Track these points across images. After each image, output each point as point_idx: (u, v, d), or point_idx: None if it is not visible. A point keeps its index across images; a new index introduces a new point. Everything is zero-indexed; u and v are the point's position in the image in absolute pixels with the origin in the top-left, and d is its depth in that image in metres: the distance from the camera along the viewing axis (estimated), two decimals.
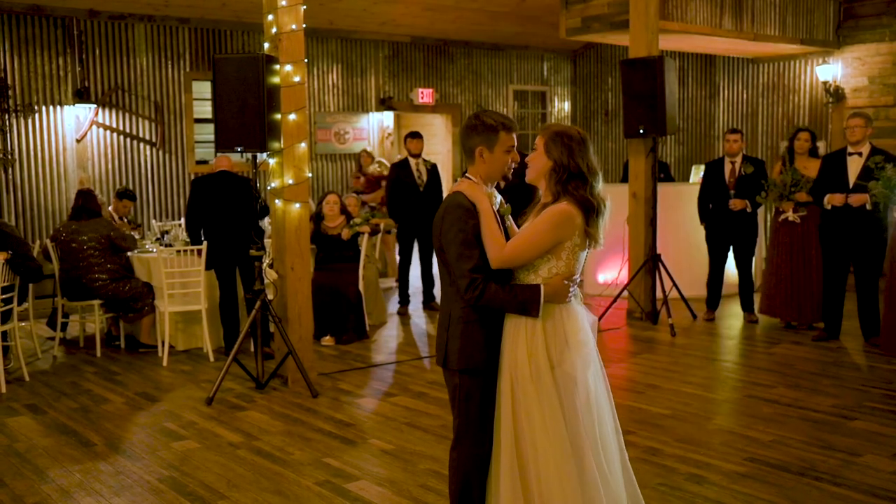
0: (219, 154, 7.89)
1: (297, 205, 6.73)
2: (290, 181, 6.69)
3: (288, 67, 6.63)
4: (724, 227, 8.78)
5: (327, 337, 8.28)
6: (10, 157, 9.73)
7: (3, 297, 6.92)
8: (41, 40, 9.88)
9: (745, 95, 12.86)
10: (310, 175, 6.87)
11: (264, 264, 6.95)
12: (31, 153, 9.89)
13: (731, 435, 5.48)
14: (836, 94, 11.82)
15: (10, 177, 9.77)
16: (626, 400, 6.28)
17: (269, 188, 6.92)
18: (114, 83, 10.37)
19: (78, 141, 10.15)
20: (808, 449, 5.19)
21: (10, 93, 9.72)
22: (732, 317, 9.14)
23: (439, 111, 13.22)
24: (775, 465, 4.92)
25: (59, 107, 10.04)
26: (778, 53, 12.09)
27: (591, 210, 3.30)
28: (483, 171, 3.47)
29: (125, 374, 7.38)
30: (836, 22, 11.54)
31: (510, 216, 3.61)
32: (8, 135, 9.73)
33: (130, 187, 10.40)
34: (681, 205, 9.58)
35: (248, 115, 6.33)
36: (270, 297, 6.92)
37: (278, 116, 6.60)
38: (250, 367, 6.89)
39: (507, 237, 3.45)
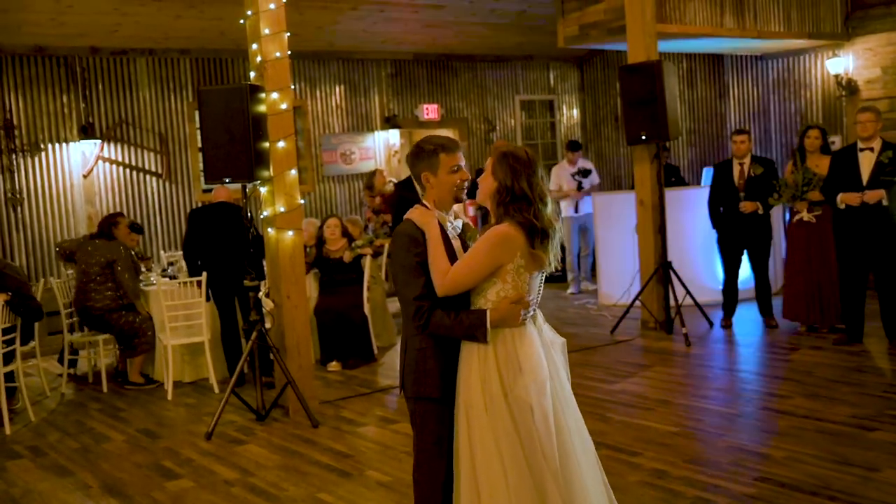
0: (217, 185, 7.85)
1: (291, 232, 6.66)
2: (282, 209, 6.62)
3: (274, 95, 6.58)
4: (736, 230, 8.54)
5: (333, 362, 8.19)
6: (18, 196, 9.77)
7: (5, 338, 6.90)
8: (45, 79, 9.95)
9: (755, 93, 12.63)
10: (302, 202, 6.79)
11: (260, 294, 6.88)
12: (39, 191, 9.93)
13: (742, 453, 5.25)
14: (848, 87, 11.55)
15: (20, 216, 9.81)
16: (635, 418, 6.09)
17: (261, 217, 6.85)
18: (118, 117, 10.40)
19: (84, 177, 10.18)
20: (823, 465, 4.96)
21: (16, 132, 9.77)
22: (750, 322, 8.89)
23: (446, 126, 13.12)
24: (787, 485, 4.70)
25: (64, 144, 10.08)
26: (786, 48, 11.85)
27: (534, 233, 3.22)
28: (433, 196, 3.45)
29: (129, 409, 7.34)
30: (843, 13, 11.28)
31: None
32: (15, 174, 9.78)
33: (138, 219, 10.40)
34: (691, 209, 9.38)
35: (235, 145, 6.27)
36: (269, 326, 6.85)
37: (267, 145, 6.53)
38: (254, 397, 6.80)
39: None
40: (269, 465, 5.67)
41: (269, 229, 6.71)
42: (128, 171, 10.48)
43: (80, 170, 10.15)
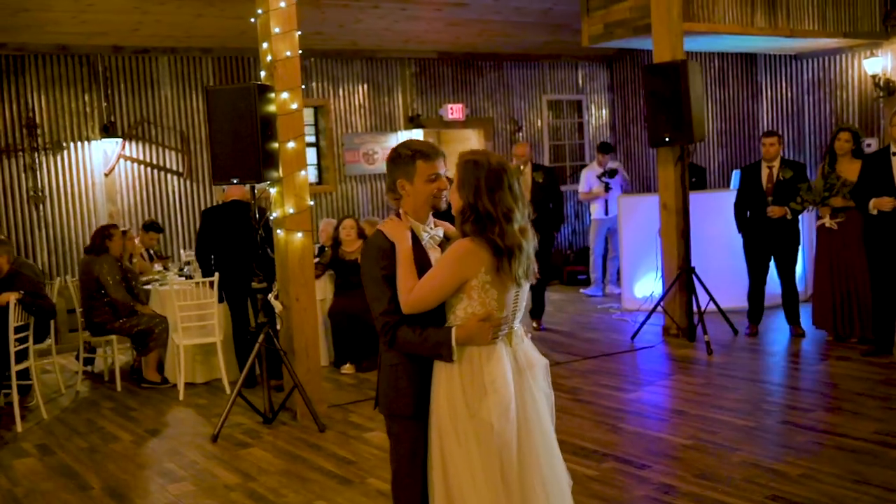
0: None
1: (300, 234, 6.56)
2: (291, 210, 6.53)
3: (284, 95, 6.48)
4: (763, 236, 8.29)
5: (347, 365, 8.10)
6: (40, 194, 9.81)
7: (17, 336, 6.90)
8: (67, 78, 9.96)
9: (789, 93, 12.30)
10: (311, 203, 6.69)
11: (270, 296, 6.80)
12: (61, 189, 9.96)
13: (756, 469, 5.04)
14: (886, 88, 11.20)
15: (41, 214, 9.85)
16: (647, 429, 5.91)
17: (271, 218, 6.77)
18: (139, 116, 10.40)
19: (106, 175, 10.18)
20: (841, 484, 4.74)
21: (39, 131, 9.81)
22: (777, 331, 8.63)
23: (470, 126, 12.96)
24: None
25: (86, 142, 10.09)
26: (821, 48, 11.53)
27: (499, 252, 3.05)
28: (409, 205, 3.29)
29: (141, 409, 7.31)
30: (882, 12, 10.93)
31: None
32: (37, 172, 9.81)
33: (159, 218, 10.39)
34: (717, 212, 9.14)
35: (242, 145, 6.19)
36: (280, 327, 6.78)
37: (276, 145, 6.44)
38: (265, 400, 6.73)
39: None
40: (270, 470, 5.58)
41: (279, 231, 6.62)
42: (149, 169, 10.47)
43: (101, 168, 10.15)
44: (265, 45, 6.55)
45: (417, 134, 12.24)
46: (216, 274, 7.54)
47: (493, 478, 3.05)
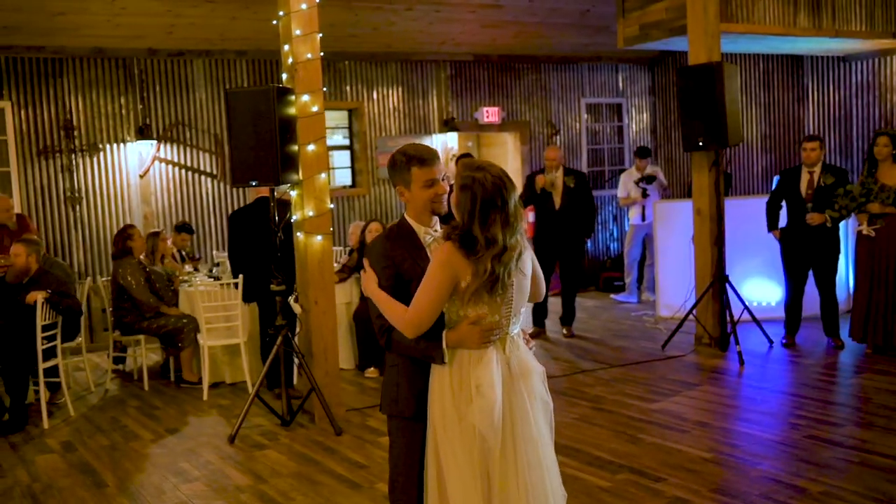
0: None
1: (319, 237, 6.53)
2: (311, 213, 6.50)
3: (305, 97, 6.46)
4: (802, 243, 8.04)
5: (371, 368, 8.06)
6: (76, 195, 9.94)
7: (45, 334, 6.99)
8: (103, 81, 10.08)
9: (836, 97, 11.96)
10: (332, 206, 6.66)
11: (290, 298, 6.78)
12: (97, 190, 10.08)
13: (775, 484, 4.87)
14: None
15: (78, 214, 9.98)
16: (667, 440, 5.74)
17: (292, 220, 6.74)
18: (174, 118, 10.48)
19: (141, 177, 10.28)
20: (863, 503, 4.55)
21: (76, 133, 9.94)
22: (814, 342, 8.35)
23: (506, 129, 12.83)
24: None
25: (122, 144, 10.20)
26: (871, 49, 11.18)
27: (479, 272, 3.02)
28: (411, 210, 3.31)
29: (165, 408, 7.37)
30: None
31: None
32: (74, 174, 9.94)
33: (192, 220, 10.47)
34: (754, 219, 8.91)
35: (261, 147, 6.18)
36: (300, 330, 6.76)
37: (296, 148, 6.42)
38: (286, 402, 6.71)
39: None
40: (283, 473, 5.56)
41: (298, 233, 6.59)
42: (183, 171, 10.55)
43: (136, 170, 10.25)
44: (286, 47, 6.53)
45: (452, 137, 12.17)
46: (240, 276, 7.53)
47: (479, 483, 3.03)
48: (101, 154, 10.10)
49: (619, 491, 4.90)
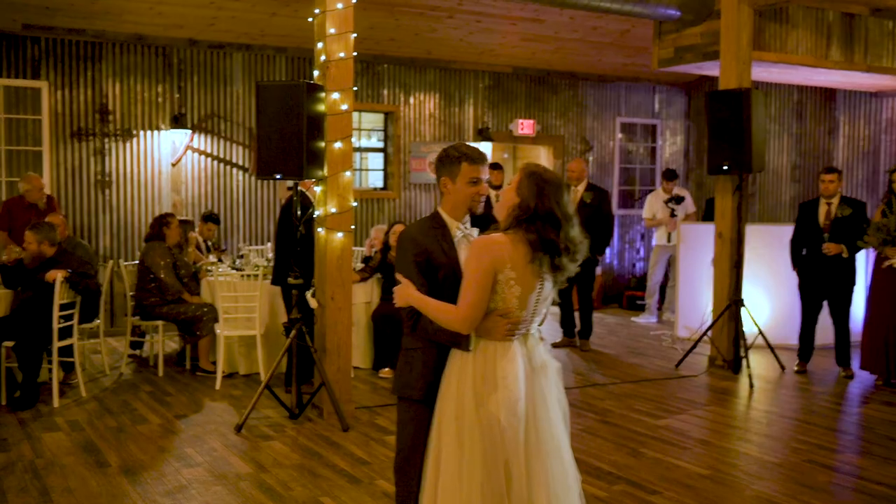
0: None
1: (340, 234, 6.62)
2: (334, 210, 6.59)
3: (335, 95, 6.56)
4: (818, 273, 8.09)
5: (386, 369, 8.12)
6: (107, 178, 10.11)
7: (63, 313, 7.12)
8: (142, 68, 10.26)
9: (866, 131, 11.93)
10: (355, 204, 6.74)
11: (308, 293, 6.87)
12: (128, 176, 10.25)
13: None
14: None
15: (107, 198, 10.15)
16: (668, 455, 5.78)
17: (314, 216, 6.84)
18: (210, 110, 10.64)
19: (173, 165, 10.45)
20: None
21: (111, 117, 10.12)
22: (825, 371, 8.38)
23: (541, 143, 12.90)
24: None
25: (156, 131, 10.37)
26: None
27: (548, 249, 3.18)
28: (449, 204, 3.49)
29: (176, 395, 7.45)
30: None
31: None
32: (106, 157, 10.12)
33: (222, 211, 10.62)
34: (775, 245, 8.90)
35: (288, 142, 6.28)
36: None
37: (323, 144, 6.52)
38: (304, 396, 6.79)
39: None
40: (285, 464, 5.63)
41: (320, 229, 6.69)
42: (215, 162, 10.70)
43: (168, 158, 10.42)
44: (320, 44, 6.64)
45: (486, 147, 12.26)
46: (262, 266, 7.63)
47: (494, 472, 3.15)
48: (135, 140, 10.27)
49: (615, 501, 4.94)
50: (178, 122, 10.39)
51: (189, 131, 10.47)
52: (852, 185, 12.46)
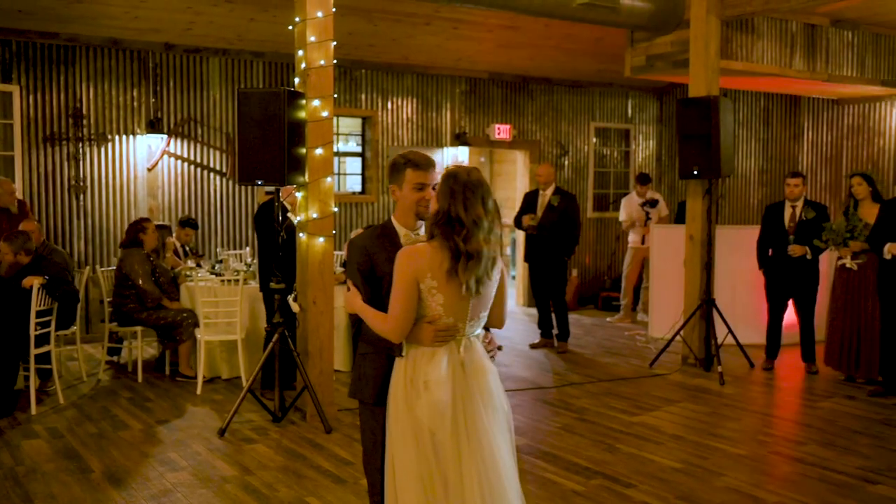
0: None
1: (321, 239, 6.72)
2: (315, 215, 6.70)
3: (315, 102, 6.67)
4: (783, 273, 8.39)
5: None
6: (81, 184, 10.07)
7: (40, 320, 7.07)
8: (117, 72, 10.23)
9: (829, 137, 12.27)
10: (335, 210, 6.85)
11: (289, 297, 6.96)
12: (103, 181, 10.19)
13: (736, 494, 5.19)
14: None
15: (81, 203, 10.11)
16: (642, 450, 6.02)
17: (295, 221, 6.94)
18: (186, 115, 10.66)
19: (149, 170, 10.45)
20: None
21: (85, 122, 10.07)
22: (792, 367, 8.69)
23: (516, 147, 13.08)
24: None
25: (131, 136, 10.34)
26: (862, 94, 11.45)
27: (457, 255, 3.21)
28: (399, 210, 3.58)
29: (157, 401, 7.48)
30: None
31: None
32: (80, 162, 10.08)
33: (199, 216, 10.62)
34: (744, 247, 9.14)
35: (270, 148, 6.38)
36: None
37: (303, 151, 6.63)
38: (283, 399, 6.86)
39: None
40: (270, 466, 5.72)
41: (301, 234, 6.79)
42: (192, 167, 10.73)
43: (144, 163, 10.41)
44: (300, 52, 6.75)
45: (464, 151, 12.41)
46: (243, 272, 7.70)
47: (426, 473, 3.24)
48: (110, 144, 10.22)
49: (592, 495, 5.14)
50: (154, 126, 10.39)
51: (165, 136, 10.49)
52: (816, 189, 12.78)
